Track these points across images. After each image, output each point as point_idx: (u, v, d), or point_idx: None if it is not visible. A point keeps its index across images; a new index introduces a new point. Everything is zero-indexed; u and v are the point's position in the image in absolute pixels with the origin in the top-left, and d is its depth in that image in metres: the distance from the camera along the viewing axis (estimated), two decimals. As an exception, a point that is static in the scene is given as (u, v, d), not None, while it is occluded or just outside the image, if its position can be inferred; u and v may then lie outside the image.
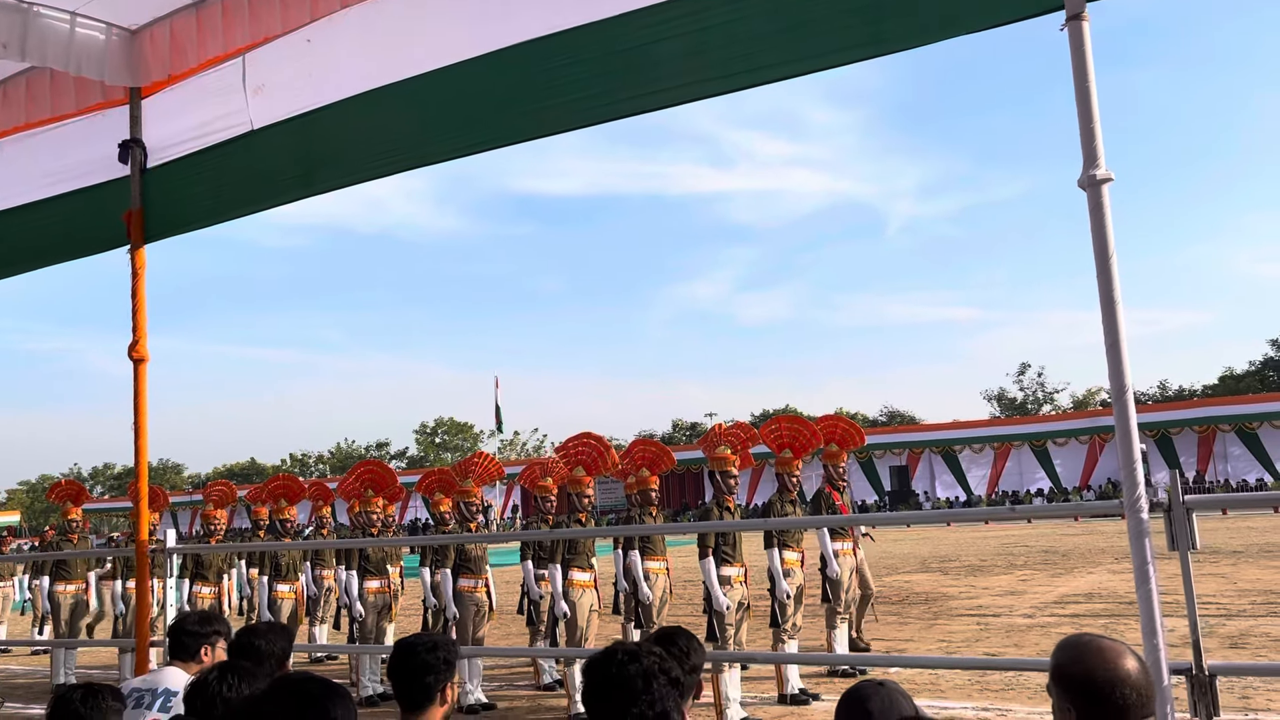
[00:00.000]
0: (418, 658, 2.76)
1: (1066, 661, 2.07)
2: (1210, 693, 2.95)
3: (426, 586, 8.95)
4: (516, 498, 51.01)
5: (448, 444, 72.75)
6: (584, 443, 8.80)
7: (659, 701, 1.78)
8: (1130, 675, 2.00)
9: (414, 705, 2.78)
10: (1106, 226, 3.06)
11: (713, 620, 7.50)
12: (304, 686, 1.95)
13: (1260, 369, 56.85)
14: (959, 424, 48.80)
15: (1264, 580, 14.03)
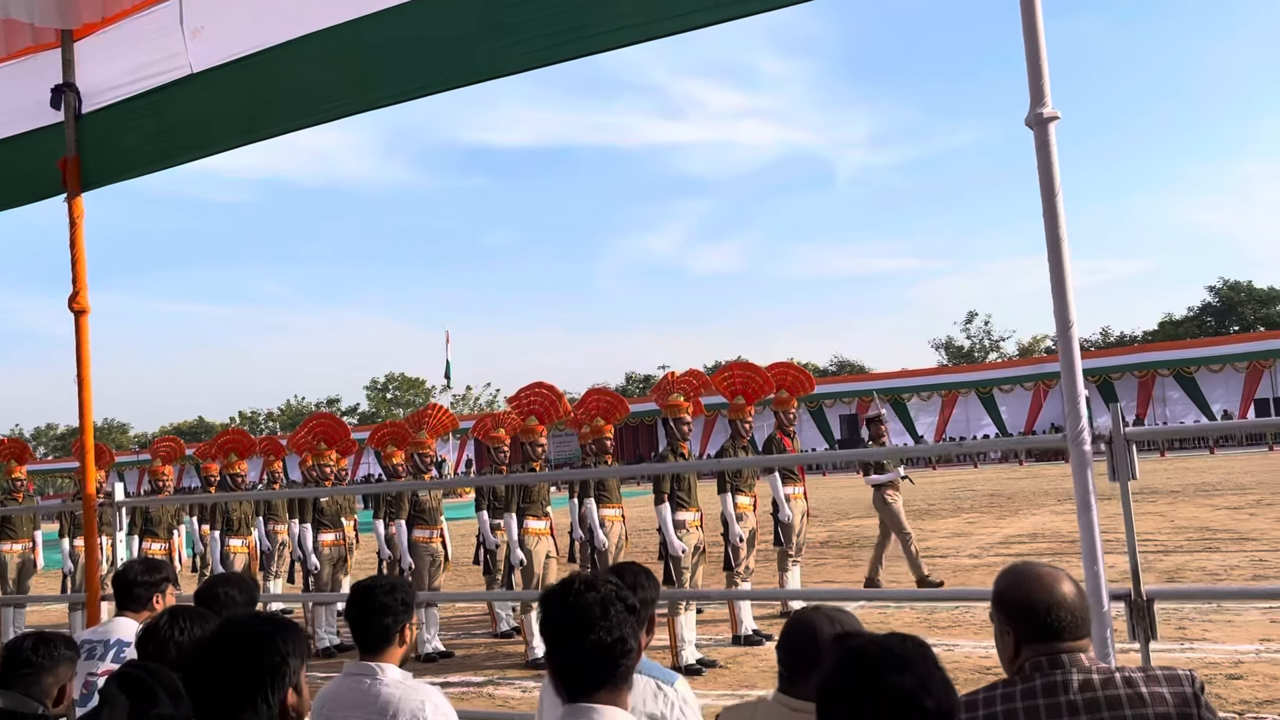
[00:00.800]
0: (376, 600, 2.77)
1: (1005, 588, 2.15)
2: (1148, 616, 3.06)
3: (381, 539, 8.95)
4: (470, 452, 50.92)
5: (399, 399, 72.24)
6: (537, 392, 8.81)
7: (616, 628, 1.80)
8: (1065, 598, 2.08)
9: (372, 647, 2.80)
10: (1053, 164, 3.10)
11: (668, 564, 7.60)
12: (253, 625, 1.94)
13: (1198, 315, 58.25)
14: (907, 373, 49.55)
15: (1200, 518, 14.52)
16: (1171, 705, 1.94)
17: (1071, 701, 1.98)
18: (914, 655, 1.43)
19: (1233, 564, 10.12)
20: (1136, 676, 1.99)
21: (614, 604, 1.82)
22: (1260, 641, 6.81)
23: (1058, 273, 3.09)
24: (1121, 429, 3.07)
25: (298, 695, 1.92)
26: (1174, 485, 20.86)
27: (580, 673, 1.85)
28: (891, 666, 1.40)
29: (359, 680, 2.77)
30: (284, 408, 76.17)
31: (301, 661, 1.94)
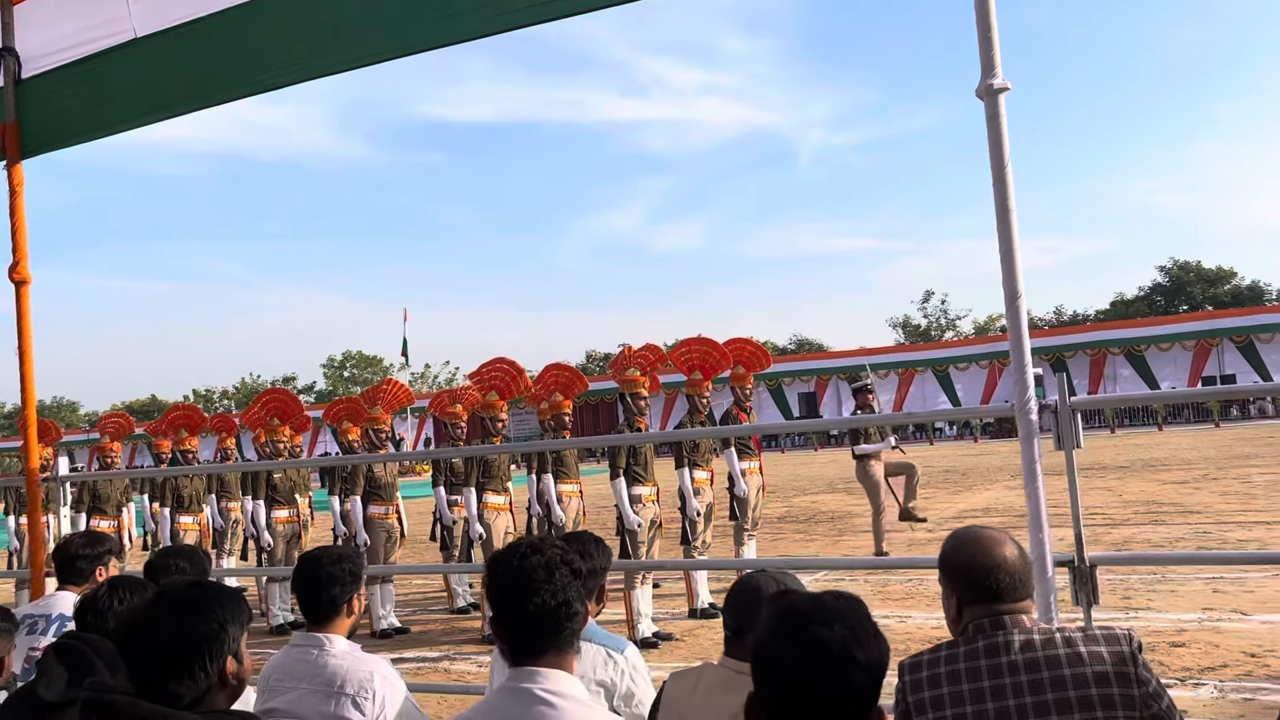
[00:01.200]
0: (323, 569, 2.74)
1: (949, 551, 2.19)
2: (1090, 582, 3.11)
3: (336, 515, 8.88)
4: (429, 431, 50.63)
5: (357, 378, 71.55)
6: (497, 367, 8.76)
7: (560, 591, 1.81)
8: (1005, 560, 2.11)
9: (319, 618, 2.77)
10: (1002, 135, 3.11)
11: (624, 538, 7.62)
12: (188, 592, 1.89)
13: (1149, 294, 59.29)
14: (865, 350, 49.89)
15: (1147, 492, 14.83)
16: (1109, 664, 1.97)
17: (1012, 661, 2.01)
18: (845, 609, 1.44)
19: (1177, 536, 10.35)
20: (1076, 637, 2.02)
21: (559, 567, 1.83)
22: (1202, 610, 6.98)
23: (1006, 243, 3.11)
24: (1067, 398, 3.11)
25: (238, 663, 1.89)
26: (1123, 461, 21.28)
27: (524, 635, 1.85)
28: (821, 619, 1.41)
29: (305, 651, 2.75)
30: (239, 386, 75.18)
31: (242, 629, 1.91)
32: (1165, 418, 37.72)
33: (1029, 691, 1.97)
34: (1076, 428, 3.13)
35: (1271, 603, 7.02)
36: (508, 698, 1.85)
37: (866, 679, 1.39)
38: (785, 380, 47.40)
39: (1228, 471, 17.20)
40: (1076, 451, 3.18)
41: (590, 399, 47.26)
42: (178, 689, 1.79)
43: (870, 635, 1.42)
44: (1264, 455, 20.23)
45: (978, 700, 2.00)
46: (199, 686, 1.81)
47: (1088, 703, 1.94)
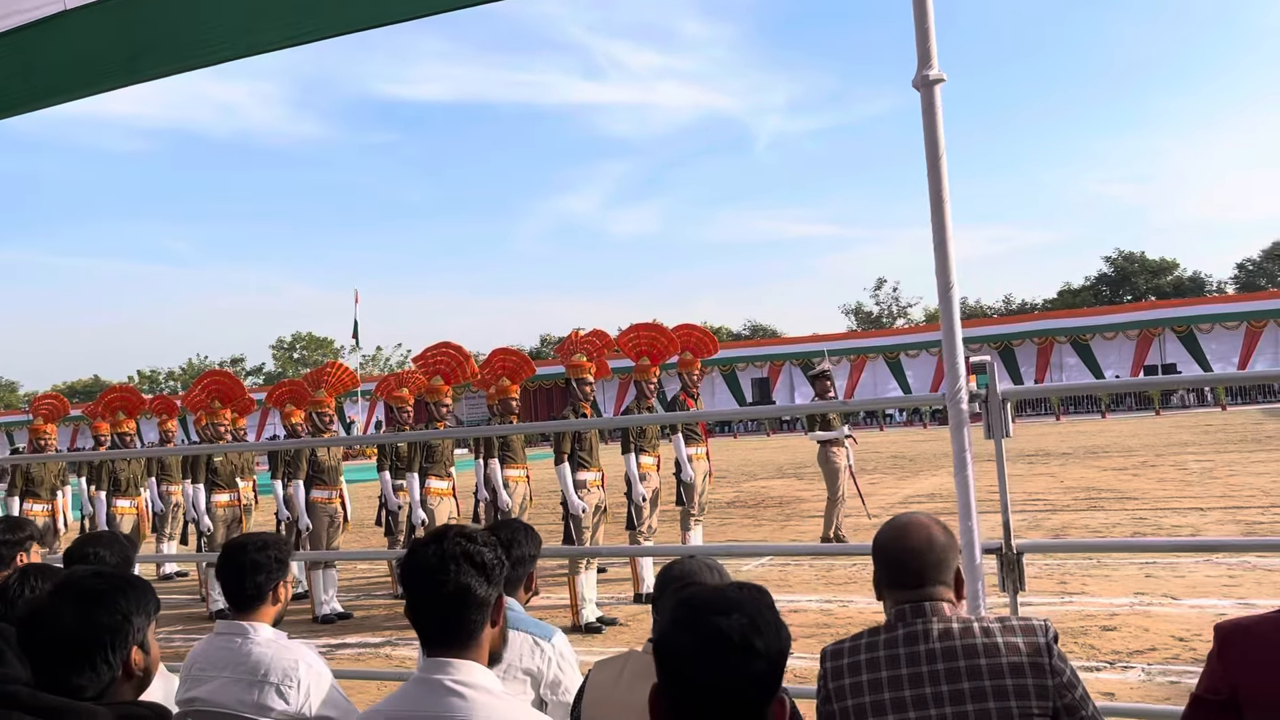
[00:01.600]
0: (247, 556, 2.70)
1: (879, 535, 2.23)
2: (1017, 569, 3.16)
3: (279, 498, 8.77)
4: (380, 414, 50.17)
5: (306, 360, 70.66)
6: (443, 352, 8.69)
7: (453, 581, 1.81)
8: (923, 545, 2.14)
9: (243, 606, 2.73)
10: (937, 126, 3.13)
11: (569, 524, 7.62)
12: (90, 582, 1.85)
13: (1095, 284, 60.45)
14: (818, 337, 50.28)
15: (1087, 478, 15.14)
16: (1024, 654, 2.01)
17: (930, 650, 2.04)
18: (746, 599, 1.44)
19: (1114, 522, 10.58)
20: (994, 627, 2.05)
21: (455, 559, 1.81)
22: (1134, 595, 7.14)
23: (940, 233, 3.14)
24: (997, 388, 3.15)
25: (144, 653, 1.85)
26: (1066, 448, 21.69)
27: (429, 625, 1.85)
28: (721, 609, 1.41)
29: (229, 639, 2.71)
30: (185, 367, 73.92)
31: (148, 619, 1.86)
32: (1108, 405, 38.52)
33: (945, 680, 2.00)
34: (1006, 417, 3.17)
35: (1201, 588, 7.21)
36: (419, 689, 1.84)
37: (766, 668, 1.40)
38: (739, 366, 47.65)
39: (1165, 458, 17.62)
40: (1014, 440, 3.22)
41: (544, 383, 47.14)
42: (80, 681, 1.75)
43: (771, 625, 1.42)
44: (1201, 443, 20.75)
45: (895, 688, 2.02)
46: (102, 678, 1.77)
47: (1002, 692, 1.97)
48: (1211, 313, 41.57)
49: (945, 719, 1.98)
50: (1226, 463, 16.11)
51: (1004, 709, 1.96)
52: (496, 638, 1.91)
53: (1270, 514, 10.29)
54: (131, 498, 9.90)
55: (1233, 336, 40.02)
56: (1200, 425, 26.65)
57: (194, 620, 8.77)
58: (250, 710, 2.58)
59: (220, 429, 9.36)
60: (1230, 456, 17.17)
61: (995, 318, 55.29)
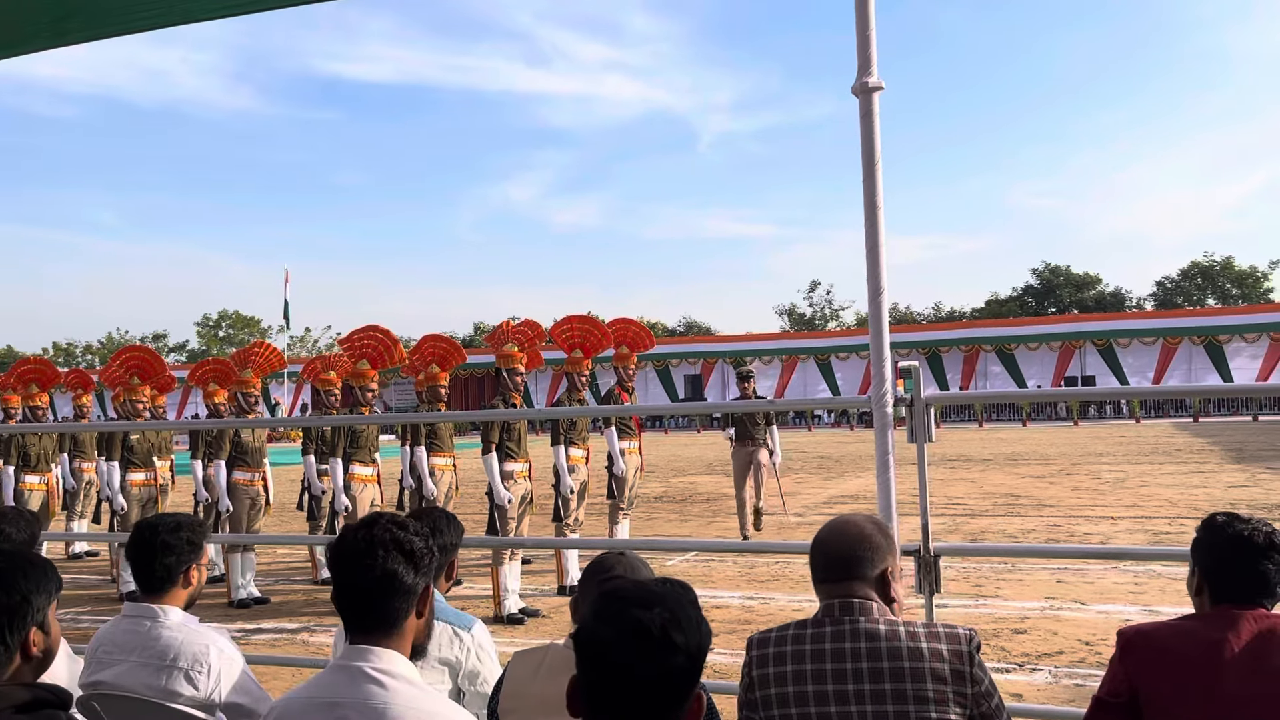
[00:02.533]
0: (158, 537, 2.64)
1: (820, 532, 2.26)
2: (934, 571, 3.23)
3: (198, 479, 8.57)
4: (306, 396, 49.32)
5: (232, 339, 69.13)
6: (370, 335, 8.57)
7: (380, 567, 1.79)
8: (850, 542, 2.19)
9: (153, 588, 2.67)
10: (875, 133, 3.18)
11: (494, 514, 7.57)
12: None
13: (1021, 295, 61.97)
14: (751, 336, 50.82)
15: (1006, 485, 15.52)
16: (947, 661, 2.05)
17: (856, 648, 2.08)
18: (668, 594, 1.46)
19: (1030, 528, 10.87)
20: (920, 631, 2.09)
21: (384, 545, 1.80)
22: (1045, 599, 7.34)
23: (873, 239, 3.19)
24: (921, 393, 3.21)
25: (44, 634, 1.79)
26: (987, 454, 22.21)
27: (352, 611, 1.84)
28: (642, 603, 1.42)
29: (137, 623, 2.64)
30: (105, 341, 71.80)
31: (49, 599, 1.81)
32: (1029, 414, 39.54)
33: (868, 679, 2.04)
34: (930, 422, 3.23)
35: (1110, 594, 7.44)
36: (339, 675, 1.82)
37: (685, 662, 1.41)
38: (672, 362, 47.84)
39: (1081, 468, 18.14)
40: (936, 444, 3.29)
41: (475, 371, 46.79)
42: (-25, 661, 1.69)
43: (692, 621, 1.44)
44: (1115, 453, 21.41)
45: (819, 680, 2.06)
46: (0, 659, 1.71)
47: (921, 696, 2.02)
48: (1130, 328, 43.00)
49: (865, 716, 2.02)
50: (1138, 474, 16.66)
51: (922, 712, 2.01)
52: (422, 629, 1.90)
53: (1177, 525, 10.66)
54: (41, 473, 9.58)
55: (1149, 351, 41.41)
56: (1115, 436, 27.49)
57: (103, 601, 8.53)
58: (157, 695, 2.51)
59: (139, 406, 9.10)
60: (1142, 468, 17.75)
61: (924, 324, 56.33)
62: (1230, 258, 57.96)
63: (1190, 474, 16.32)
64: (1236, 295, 56.50)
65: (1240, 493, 13.45)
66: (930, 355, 43.55)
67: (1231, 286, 57.50)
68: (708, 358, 48.05)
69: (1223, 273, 57.95)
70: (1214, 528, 2.31)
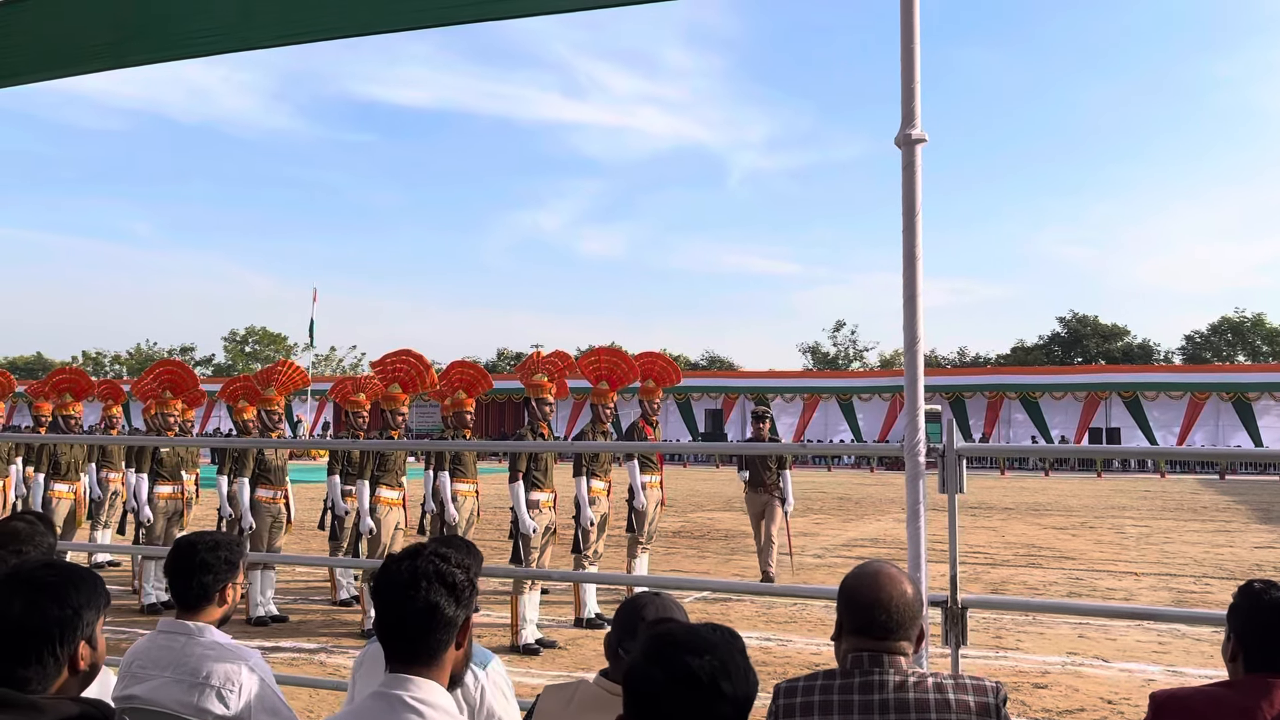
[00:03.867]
0: (197, 555, 2.67)
1: (847, 579, 2.27)
2: (961, 623, 3.22)
3: (222, 495, 8.64)
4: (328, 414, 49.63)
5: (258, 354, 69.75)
6: (403, 360, 8.63)
7: (423, 599, 1.82)
8: (891, 599, 2.18)
9: (190, 605, 2.70)
10: (916, 185, 3.21)
11: (517, 543, 7.58)
12: (41, 574, 1.81)
13: (1048, 343, 61.59)
14: (774, 373, 50.75)
15: (1029, 535, 15.37)
16: (974, 713, 2.05)
17: (884, 700, 2.08)
18: (719, 641, 1.47)
19: (1052, 580, 10.75)
20: (947, 683, 2.10)
21: (428, 577, 1.83)
22: (1067, 654, 7.26)
23: (910, 289, 3.21)
24: (953, 444, 3.21)
25: (91, 648, 1.83)
26: (1009, 503, 22.01)
27: (394, 641, 1.86)
28: (693, 649, 1.44)
29: (172, 639, 2.67)
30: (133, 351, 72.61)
31: (98, 613, 1.84)
32: (1052, 465, 39.16)
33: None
34: (961, 473, 3.24)
35: (1132, 652, 7.34)
36: (379, 703, 1.85)
37: (731, 711, 1.42)
38: (694, 396, 47.80)
39: (1104, 521, 17.94)
40: (961, 495, 3.28)
41: (497, 397, 46.98)
42: (25, 673, 1.72)
43: (740, 670, 1.45)
44: (1139, 508, 21.16)
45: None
46: (48, 672, 1.74)
47: None
48: (1158, 381, 42.58)
49: None
50: (1162, 530, 16.45)
51: None
52: (460, 660, 1.92)
53: (1202, 584, 10.52)
54: (71, 482, 9.69)
55: (1176, 406, 40.99)
56: (1139, 490, 27.18)
57: (124, 613, 8.58)
58: (189, 711, 2.54)
59: (170, 420, 9.21)
60: (1166, 524, 17.53)
61: (949, 368, 56.06)
62: (1262, 315, 57.45)
63: (1216, 532, 16.10)
64: (1267, 353, 55.92)
65: (1268, 554, 13.27)
66: (954, 400, 43.29)
67: (1262, 344, 56.93)
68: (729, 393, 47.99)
69: (1254, 329, 57.40)
70: (1252, 594, 2.30)
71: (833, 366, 62.35)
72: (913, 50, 3.21)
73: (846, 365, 63.39)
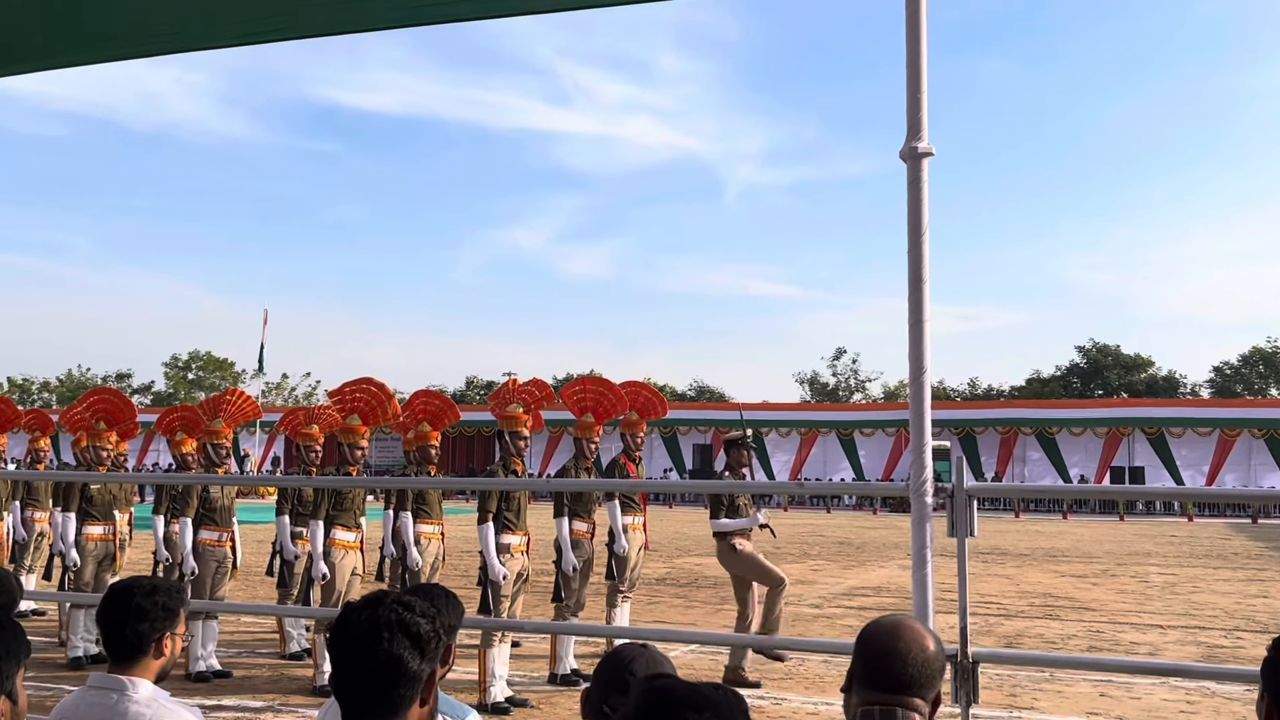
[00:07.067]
0: (132, 601, 2.64)
1: (868, 628, 2.27)
2: (972, 679, 3.22)
3: (159, 537, 8.57)
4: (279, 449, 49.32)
5: (202, 382, 69.39)
6: (363, 389, 8.60)
7: (385, 652, 1.81)
8: (908, 653, 2.17)
9: (123, 657, 2.67)
10: (922, 202, 3.25)
11: (486, 591, 7.54)
12: None
13: (1065, 375, 62.03)
14: (768, 405, 50.76)
15: (1044, 584, 15.40)
16: None
17: None
18: (721, 700, 1.47)
19: (1070, 633, 10.77)
20: None
21: (390, 627, 1.82)
22: (1087, 714, 7.26)
23: (916, 313, 3.24)
24: (964, 483, 3.23)
25: (11, 703, 1.81)
26: (1024, 548, 22.06)
27: (352, 696, 1.85)
28: (693, 705, 1.44)
29: (104, 695, 2.64)
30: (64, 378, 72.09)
31: (17, 665, 1.82)
32: (1070, 506, 39.28)
33: None
34: (972, 515, 3.25)
35: (1158, 712, 7.35)
36: (330, 766, 1.83)
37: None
38: (681, 429, 47.72)
39: (1127, 568, 18.00)
40: (972, 539, 3.30)
41: (465, 430, 46.83)
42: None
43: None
44: (1165, 554, 21.25)
45: None
46: (-33, 730, 1.73)
47: None
48: (1185, 416, 42.79)
49: None
50: (1190, 578, 16.52)
51: None
52: (425, 717, 1.91)
53: (1233, 637, 10.56)
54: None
55: (1205, 443, 41.24)
56: (1165, 535, 27.30)
57: (49, 667, 8.47)
58: (120, 777, 2.51)
59: (103, 453, 9.14)
60: (1194, 571, 17.61)
61: (959, 401, 56.35)
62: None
63: (1248, 581, 16.19)
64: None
65: (1304, 605, 13.33)
66: (964, 435, 43.44)
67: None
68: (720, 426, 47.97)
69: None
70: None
71: (832, 398, 62.53)
72: (919, 58, 3.26)
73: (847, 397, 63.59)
